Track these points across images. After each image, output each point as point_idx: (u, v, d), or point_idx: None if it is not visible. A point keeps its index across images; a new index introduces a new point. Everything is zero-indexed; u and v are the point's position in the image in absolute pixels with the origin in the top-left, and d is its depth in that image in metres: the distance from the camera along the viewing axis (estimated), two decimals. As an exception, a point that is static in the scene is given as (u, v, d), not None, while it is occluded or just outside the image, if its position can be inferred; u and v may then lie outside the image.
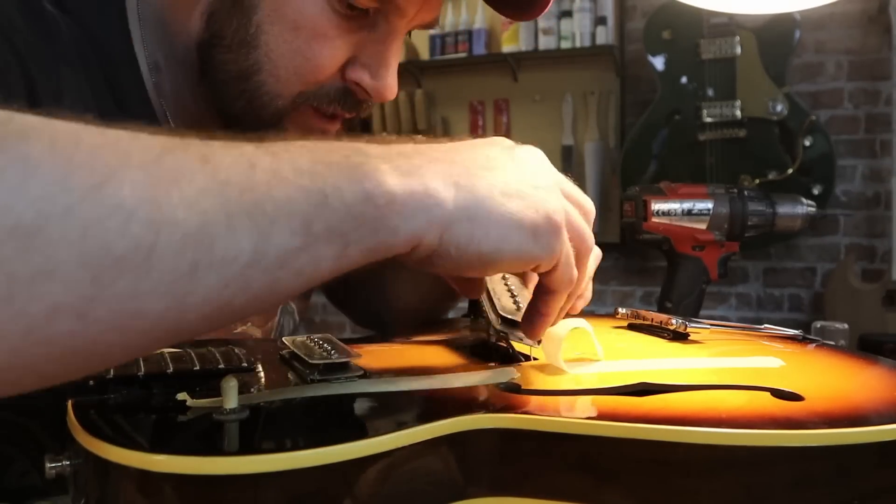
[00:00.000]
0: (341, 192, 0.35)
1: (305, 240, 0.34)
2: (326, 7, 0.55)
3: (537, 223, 0.41)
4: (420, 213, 0.37)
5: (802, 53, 2.69)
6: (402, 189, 0.36)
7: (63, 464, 0.36)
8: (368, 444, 0.33)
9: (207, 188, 0.32)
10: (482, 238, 0.39)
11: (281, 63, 0.57)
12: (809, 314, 2.74)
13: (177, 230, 0.30)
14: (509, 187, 0.41)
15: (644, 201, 0.97)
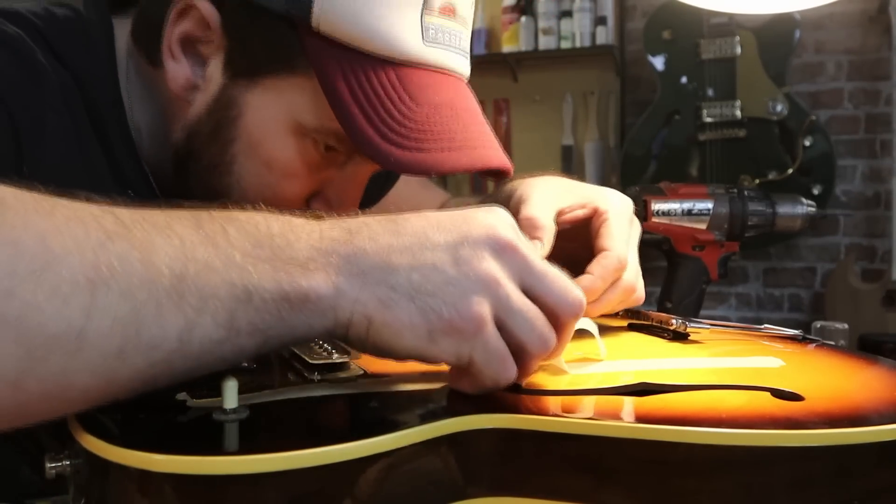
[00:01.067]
0: (263, 290, 0.37)
1: (228, 332, 0.37)
2: (301, 150, 0.57)
3: (432, 323, 0.39)
4: (329, 312, 0.39)
5: (802, 53, 2.69)
6: (315, 292, 0.38)
7: (63, 464, 0.36)
8: (368, 444, 0.33)
9: (142, 277, 0.35)
10: (376, 335, 0.39)
11: (250, 192, 0.58)
12: (809, 314, 2.74)
13: (107, 316, 0.33)
14: (420, 286, 0.39)
15: (644, 201, 0.97)
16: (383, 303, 0.39)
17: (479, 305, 0.39)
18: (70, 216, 0.35)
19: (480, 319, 0.39)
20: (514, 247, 0.41)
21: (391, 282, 0.39)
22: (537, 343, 0.41)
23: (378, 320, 0.39)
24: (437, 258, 0.40)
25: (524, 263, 0.42)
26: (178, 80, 0.58)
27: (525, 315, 0.41)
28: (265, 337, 0.38)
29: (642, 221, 0.97)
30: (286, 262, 0.38)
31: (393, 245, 0.40)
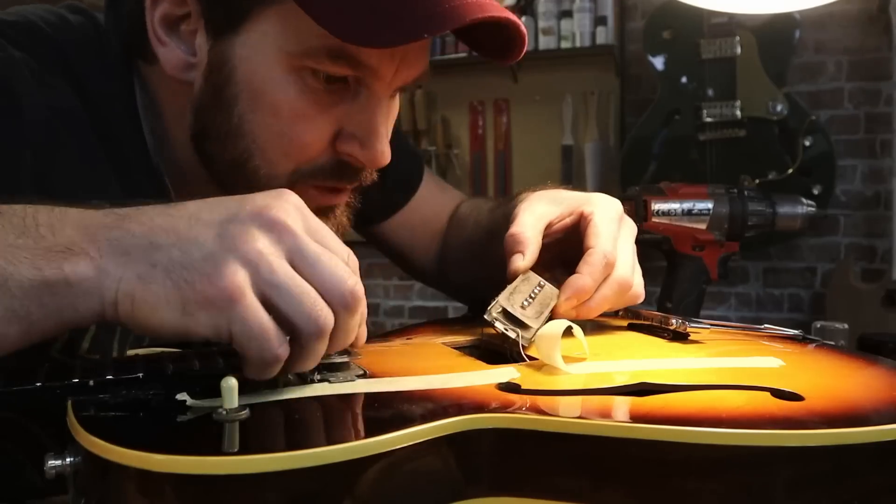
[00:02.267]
0: (21, 277, 0.39)
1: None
2: (304, 87, 0.56)
3: (185, 295, 0.39)
4: (94, 293, 0.39)
5: (802, 53, 2.69)
6: (77, 275, 0.39)
7: (63, 464, 0.36)
8: (368, 444, 0.33)
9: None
10: (139, 313, 0.39)
11: (268, 147, 0.58)
12: (809, 314, 2.74)
13: None
14: (178, 261, 0.39)
15: (644, 201, 0.97)
16: (142, 279, 0.39)
17: (233, 276, 0.38)
18: None
19: (234, 290, 0.38)
20: (285, 225, 0.41)
21: (153, 259, 0.40)
22: (306, 320, 0.39)
23: (138, 297, 0.39)
24: (200, 234, 0.40)
25: (295, 243, 0.41)
26: (173, 62, 0.59)
27: (291, 290, 0.39)
28: (27, 323, 0.39)
29: (642, 222, 0.97)
30: (48, 249, 0.40)
31: (161, 225, 0.41)
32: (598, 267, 0.60)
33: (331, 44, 0.53)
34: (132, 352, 0.51)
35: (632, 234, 0.67)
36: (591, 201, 0.66)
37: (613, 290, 0.61)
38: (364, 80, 0.57)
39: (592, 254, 0.61)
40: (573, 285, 0.60)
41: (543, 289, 0.60)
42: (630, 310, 0.68)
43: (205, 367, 0.44)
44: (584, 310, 0.60)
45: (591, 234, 0.63)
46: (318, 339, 0.40)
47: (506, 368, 0.48)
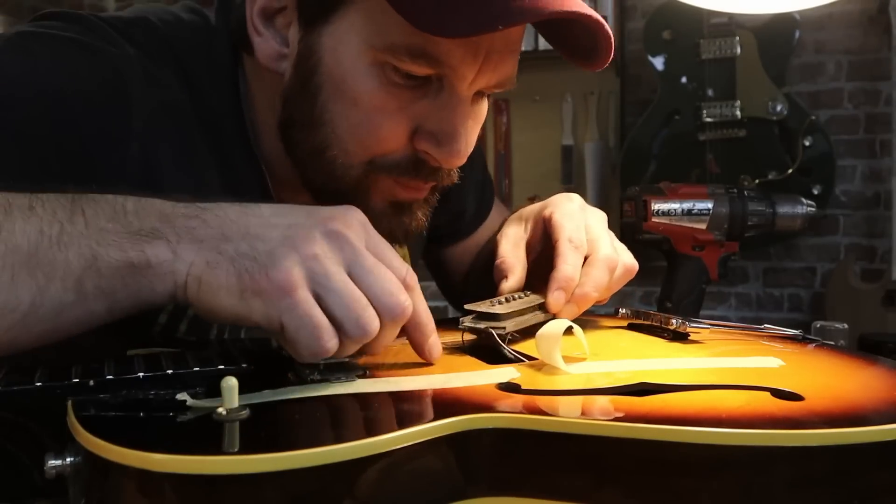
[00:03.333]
0: (108, 258, 0.43)
1: (77, 296, 0.43)
2: (384, 81, 0.57)
3: (244, 282, 0.42)
4: (169, 276, 0.44)
5: (802, 53, 2.69)
6: (156, 257, 0.43)
7: (63, 464, 0.36)
8: (368, 444, 0.33)
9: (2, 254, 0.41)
10: (203, 295, 0.43)
11: (346, 137, 0.60)
12: (809, 314, 2.74)
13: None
14: (243, 252, 0.43)
15: (644, 201, 0.97)
16: (210, 264, 0.43)
17: (289, 272, 0.42)
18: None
19: (288, 284, 0.41)
20: (346, 237, 0.44)
21: (221, 248, 0.43)
22: (353, 324, 0.42)
23: (204, 280, 0.43)
24: (268, 232, 0.44)
25: (354, 254, 0.44)
26: (267, 52, 0.61)
27: (342, 295, 0.42)
28: (112, 300, 0.44)
29: (642, 222, 0.97)
30: (133, 233, 0.44)
31: (234, 220, 0.45)
32: (569, 252, 0.62)
33: (412, 42, 0.54)
34: (132, 352, 0.51)
35: (601, 219, 0.68)
36: (547, 205, 0.69)
37: (601, 269, 0.62)
38: (445, 79, 0.58)
39: (560, 243, 0.63)
40: (554, 277, 0.61)
41: (528, 295, 0.61)
42: (630, 310, 0.68)
43: (204, 367, 0.44)
44: (580, 297, 0.61)
45: (554, 229, 0.65)
46: (359, 343, 0.44)
47: (506, 368, 0.48)
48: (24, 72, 0.56)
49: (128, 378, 0.42)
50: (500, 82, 0.61)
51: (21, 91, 0.56)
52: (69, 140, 0.57)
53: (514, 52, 0.60)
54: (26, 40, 0.59)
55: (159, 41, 0.63)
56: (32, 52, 0.58)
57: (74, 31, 0.60)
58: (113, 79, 0.59)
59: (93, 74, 0.58)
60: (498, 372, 0.47)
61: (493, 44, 0.57)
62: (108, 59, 0.59)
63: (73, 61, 0.58)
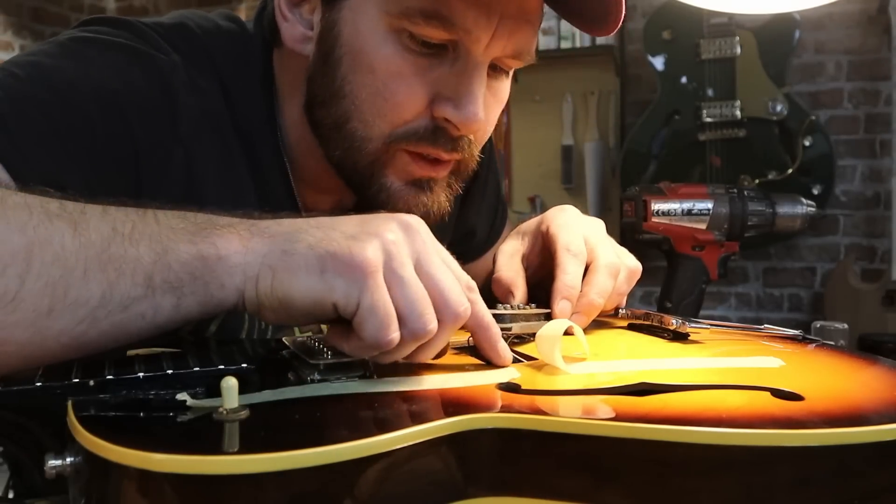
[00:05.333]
0: (178, 251, 0.43)
1: (145, 290, 0.42)
2: (400, 47, 0.59)
3: (325, 261, 0.42)
4: (238, 269, 0.43)
5: (802, 53, 2.69)
6: (227, 250, 0.43)
7: (63, 464, 0.36)
8: (368, 444, 0.33)
9: (72, 248, 0.41)
10: (278, 283, 0.43)
11: (365, 107, 0.61)
12: (809, 314, 2.74)
13: (39, 280, 0.40)
14: (320, 239, 0.43)
15: (644, 201, 0.97)
16: (286, 252, 0.43)
17: (372, 253, 0.42)
18: (19, 203, 0.42)
19: (372, 264, 0.41)
20: (419, 233, 0.45)
21: (296, 239, 0.44)
22: (417, 320, 0.42)
23: (280, 267, 0.43)
24: (343, 224, 0.45)
25: (424, 249, 0.44)
26: (293, 34, 0.63)
27: (411, 288, 0.42)
28: (180, 294, 0.43)
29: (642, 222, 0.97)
30: (204, 230, 0.44)
31: (309, 222, 0.45)
32: (568, 262, 0.62)
33: (426, 5, 0.56)
34: (132, 352, 0.51)
35: (599, 227, 0.69)
36: (545, 219, 0.69)
37: (604, 275, 0.62)
38: (460, 44, 0.59)
39: (558, 254, 0.63)
40: (555, 288, 0.61)
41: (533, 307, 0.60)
42: (630, 310, 0.68)
43: (204, 367, 0.44)
44: (586, 306, 0.61)
45: (552, 241, 0.65)
46: (416, 340, 0.43)
47: (506, 368, 0.48)
48: (80, 75, 0.58)
49: (128, 378, 0.42)
50: (515, 51, 0.62)
51: (78, 94, 0.57)
52: (121, 142, 0.58)
53: (530, 23, 0.61)
54: (80, 45, 0.60)
55: (199, 48, 0.65)
56: (87, 56, 0.59)
57: (124, 36, 0.61)
58: (161, 85, 0.61)
59: (144, 80, 0.60)
60: (498, 372, 0.47)
61: (506, 8, 0.58)
62: (157, 65, 0.61)
63: (125, 67, 0.60)
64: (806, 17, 2.57)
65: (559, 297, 0.61)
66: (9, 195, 0.42)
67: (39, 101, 0.55)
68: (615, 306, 0.66)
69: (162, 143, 0.60)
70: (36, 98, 0.55)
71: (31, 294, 0.40)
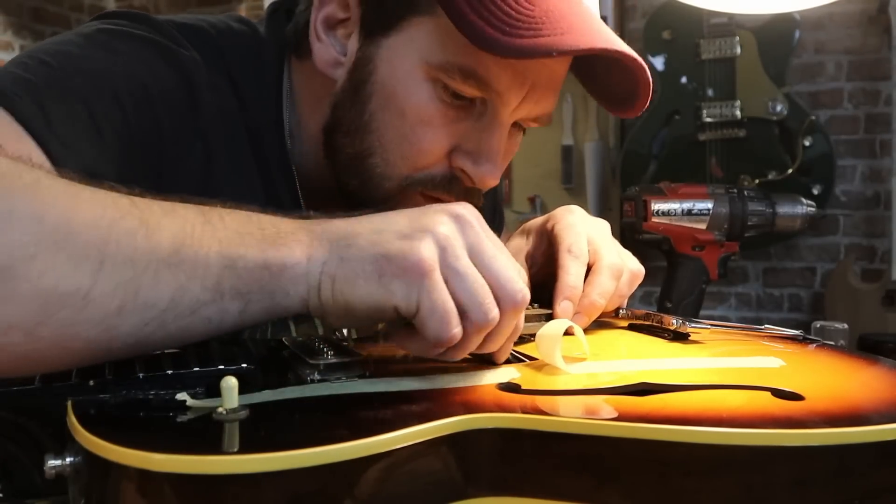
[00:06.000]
0: (246, 259, 0.43)
1: (214, 295, 0.42)
2: (433, 96, 0.60)
3: (381, 265, 0.42)
4: (302, 278, 0.44)
5: (802, 53, 2.69)
6: (292, 260, 0.44)
7: (63, 464, 0.36)
8: (368, 443, 0.33)
9: (144, 249, 0.41)
10: (338, 291, 0.43)
11: (390, 147, 0.62)
12: (809, 314, 2.74)
13: (111, 280, 0.40)
14: (375, 242, 0.43)
15: (644, 201, 0.97)
16: (343, 259, 0.44)
17: (427, 251, 0.42)
18: (91, 198, 0.42)
19: (428, 263, 0.42)
20: (471, 223, 0.45)
21: (351, 242, 0.44)
22: (478, 310, 0.43)
23: (340, 276, 0.43)
24: (394, 221, 0.45)
25: (477, 239, 0.45)
26: (325, 57, 0.64)
27: (469, 279, 0.43)
28: (246, 301, 0.43)
29: (642, 221, 0.97)
30: (269, 237, 0.44)
31: (361, 221, 0.46)
32: (570, 262, 0.62)
33: (466, 62, 0.57)
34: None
35: (604, 228, 0.69)
36: (551, 218, 0.70)
37: (606, 276, 0.63)
38: (490, 103, 0.60)
39: (560, 255, 0.64)
40: (557, 289, 0.61)
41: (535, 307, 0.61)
42: (630, 310, 0.68)
43: (204, 366, 0.44)
44: (587, 306, 0.61)
45: (555, 242, 0.66)
46: (480, 331, 0.44)
47: (506, 368, 0.48)
48: (110, 65, 0.58)
49: (128, 378, 0.42)
50: (538, 116, 0.64)
51: (111, 83, 0.57)
52: (150, 133, 0.59)
53: (556, 91, 0.63)
54: (107, 36, 0.61)
55: (213, 48, 0.65)
56: (115, 48, 0.60)
57: (145, 30, 0.62)
58: (185, 80, 0.61)
59: (169, 74, 0.61)
60: (498, 372, 0.47)
61: (539, 76, 0.60)
62: (180, 60, 0.62)
63: (152, 60, 0.60)
64: (806, 17, 2.57)
65: (561, 297, 0.61)
66: (78, 187, 0.42)
67: (75, 89, 0.56)
68: (615, 308, 0.67)
69: (184, 136, 0.61)
70: (71, 86, 0.56)
71: (102, 293, 0.40)
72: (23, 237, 0.38)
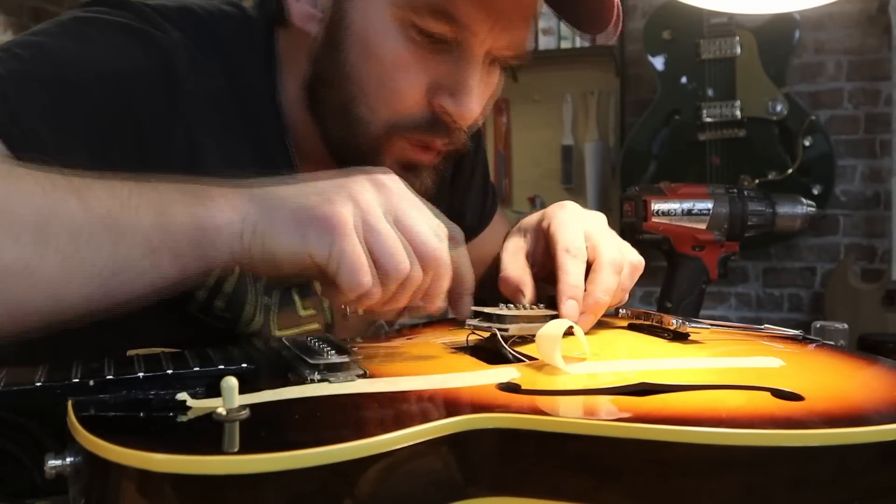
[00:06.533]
0: (181, 222, 0.47)
1: (152, 260, 0.46)
2: (406, 38, 0.61)
3: (300, 217, 0.47)
4: (235, 237, 0.48)
5: (802, 53, 2.69)
6: (223, 219, 0.48)
7: (63, 464, 0.36)
8: (368, 444, 0.33)
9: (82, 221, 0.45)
10: (259, 241, 0.47)
11: (370, 94, 0.64)
12: (809, 314, 2.74)
13: (52, 250, 0.44)
14: (297, 198, 0.48)
15: (644, 201, 0.97)
16: (267, 213, 0.48)
17: (343, 208, 0.46)
18: (26, 176, 0.45)
19: (343, 217, 0.46)
20: (389, 187, 0.49)
21: (277, 201, 0.48)
22: (389, 261, 0.47)
23: (261, 227, 0.47)
24: (319, 184, 0.49)
25: (396, 201, 0.49)
26: (300, 13, 0.66)
27: (383, 236, 0.47)
28: (184, 262, 0.47)
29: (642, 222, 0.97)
30: (202, 200, 0.48)
31: (286, 183, 0.50)
32: (569, 262, 0.62)
33: (432, 1, 0.59)
34: (132, 352, 0.51)
35: (600, 221, 0.69)
36: (545, 216, 0.69)
37: (607, 272, 0.62)
38: (461, 40, 0.62)
39: (558, 255, 0.64)
40: (559, 290, 0.61)
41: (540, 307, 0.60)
42: (630, 310, 0.68)
43: (204, 367, 0.44)
44: (592, 305, 0.61)
45: (552, 242, 0.65)
46: (394, 282, 0.48)
47: (506, 368, 0.48)
48: (81, 55, 0.59)
49: (128, 378, 0.42)
50: (510, 46, 0.65)
51: (81, 72, 0.58)
52: (124, 121, 0.60)
53: (526, 20, 0.65)
54: (81, 25, 0.62)
55: (203, 29, 0.66)
56: (88, 36, 0.61)
57: (123, 16, 0.63)
58: (161, 62, 0.62)
59: (144, 58, 0.61)
60: (498, 372, 0.47)
61: (505, 7, 0.61)
62: (156, 43, 0.62)
63: (125, 45, 0.61)
64: (806, 17, 2.57)
65: (565, 297, 0.60)
66: (14, 168, 0.45)
67: (43, 80, 0.57)
68: (618, 302, 0.66)
69: (163, 120, 0.62)
70: (39, 77, 0.57)
71: (45, 264, 0.43)
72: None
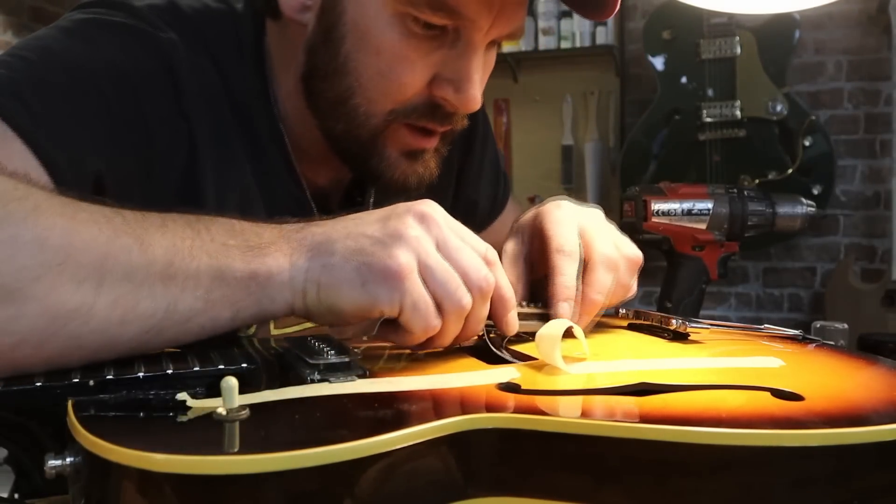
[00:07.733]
0: (234, 270, 0.47)
1: (206, 305, 0.46)
2: (404, 30, 0.61)
3: (364, 273, 0.47)
4: (287, 286, 0.48)
5: (802, 53, 2.69)
6: (278, 268, 0.48)
7: (63, 464, 0.36)
8: (368, 444, 0.33)
9: (139, 265, 0.44)
10: (324, 296, 0.48)
11: (369, 86, 0.63)
12: (809, 314, 2.74)
13: (112, 294, 0.43)
14: (354, 249, 0.48)
15: (644, 201, 0.97)
16: (326, 267, 0.47)
17: (404, 257, 0.46)
18: (88, 218, 0.45)
19: (406, 267, 0.46)
20: (433, 219, 0.49)
21: (332, 250, 0.48)
22: (451, 299, 0.47)
23: (324, 283, 0.47)
24: (368, 229, 0.49)
25: (441, 234, 0.49)
26: (291, 3, 0.64)
27: (440, 272, 0.47)
28: (236, 309, 0.47)
29: (642, 222, 0.97)
30: (254, 247, 0.48)
31: (335, 227, 0.50)
32: (561, 263, 0.60)
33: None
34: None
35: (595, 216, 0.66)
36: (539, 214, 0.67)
37: (601, 271, 0.60)
38: (462, 29, 0.61)
39: (551, 256, 0.61)
40: (552, 293, 0.59)
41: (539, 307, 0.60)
42: (630, 310, 0.68)
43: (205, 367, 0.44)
44: (587, 305, 0.60)
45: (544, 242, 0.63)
46: (457, 317, 0.48)
47: (506, 368, 0.48)
48: (89, 56, 0.59)
49: (128, 378, 0.42)
50: (511, 32, 0.64)
51: (91, 74, 0.58)
52: (134, 120, 0.60)
53: (523, 5, 0.64)
54: (84, 26, 0.62)
55: (191, 28, 0.66)
56: (93, 37, 0.61)
57: (122, 17, 0.63)
58: (164, 62, 0.62)
59: (148, 58, 0.62)
60: (498, 372, 0.47)
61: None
62: (158, 43, 0.63)
63: (129, 45, 0.61)
64: (806, 17, 2.57)
65: (558, 300, 0.59)
66: (78, 209, 0.45)
67: (56, 83, 0.57)
68: (622, 299, 0.65)
69: (168, 118, 0.62)
70: (52, 81, 0.57)
71: (104, 307, 0.43)
72: (27, 261, 0.41)
